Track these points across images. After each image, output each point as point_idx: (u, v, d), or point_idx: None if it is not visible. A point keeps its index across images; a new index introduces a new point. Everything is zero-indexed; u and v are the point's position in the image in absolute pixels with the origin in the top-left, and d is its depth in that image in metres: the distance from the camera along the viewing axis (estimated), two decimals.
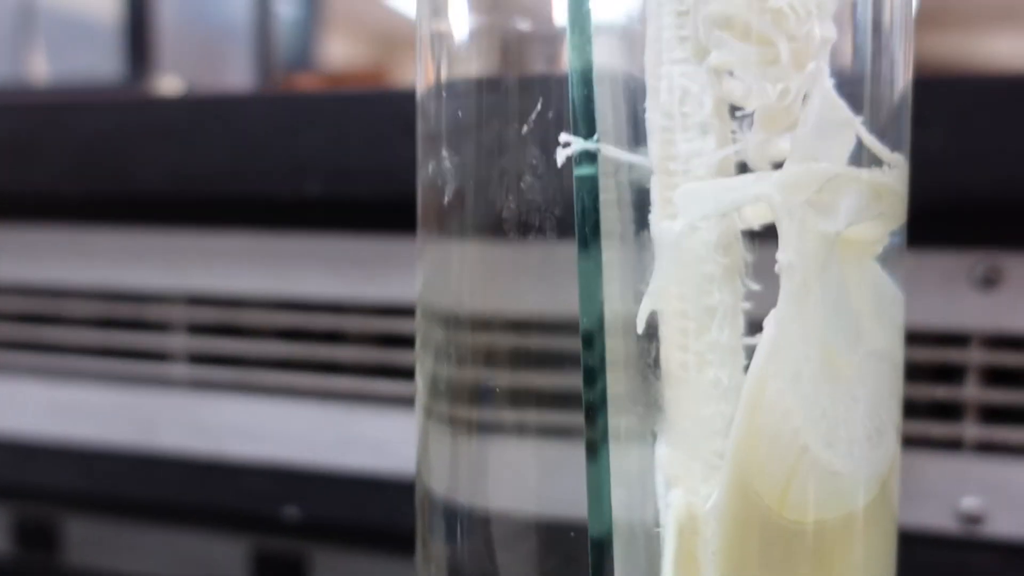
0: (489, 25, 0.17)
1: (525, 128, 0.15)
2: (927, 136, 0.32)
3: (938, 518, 0.34)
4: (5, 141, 0.45)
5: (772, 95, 0.15)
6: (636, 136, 0.18)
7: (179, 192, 0.43)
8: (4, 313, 0.49)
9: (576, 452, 0.15)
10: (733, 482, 0.15)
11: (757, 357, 0.15)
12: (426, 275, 0.17)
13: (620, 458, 0.15)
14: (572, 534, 0.15)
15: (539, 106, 0.15)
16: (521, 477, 0.16)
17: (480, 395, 0.16)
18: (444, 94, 0.16)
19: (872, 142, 0.16)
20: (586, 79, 0.15)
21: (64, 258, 0.48)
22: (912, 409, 0.34)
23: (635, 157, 0.16)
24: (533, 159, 0.15)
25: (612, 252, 0.17)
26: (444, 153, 0.16)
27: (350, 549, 0.44)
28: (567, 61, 0.14)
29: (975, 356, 0.34)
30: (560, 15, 0.15)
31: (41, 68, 0.83)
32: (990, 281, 0.34)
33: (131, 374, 0.47)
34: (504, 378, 0.16)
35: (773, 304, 0.16)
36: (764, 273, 0.17)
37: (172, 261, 0.45)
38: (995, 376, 0.34)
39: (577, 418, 0.15)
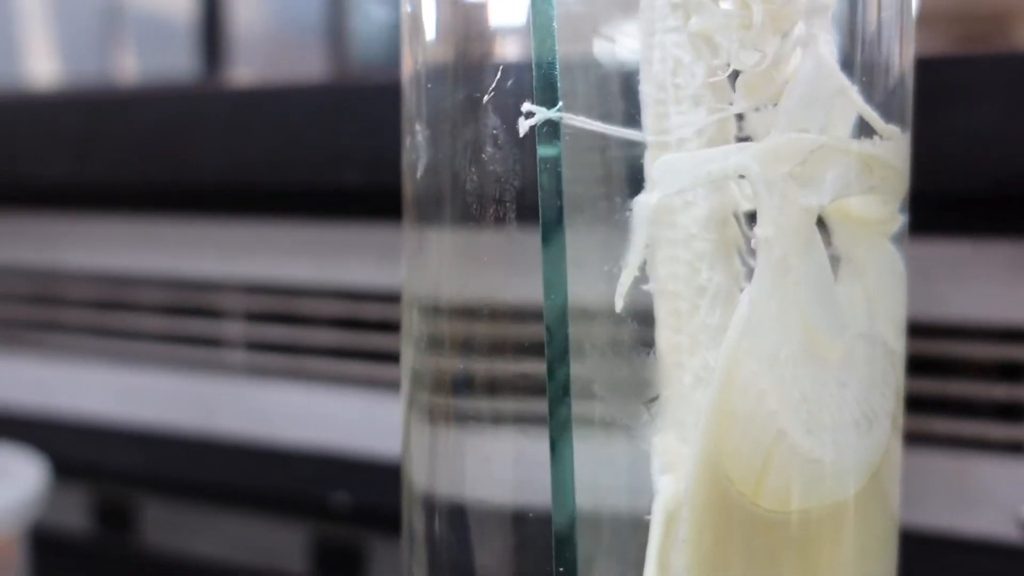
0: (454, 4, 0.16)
1: (486, 97, 0.15)
2: (982, 115, 0.30)
3: (998, 526, 0.32)
4: (69, 133, 0.47)
5: (747, 61, 0.15)
6: (631, 110, 0.18)
7: (236, 182, 0.44)
8: (73, 300, 0.51)
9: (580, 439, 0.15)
10: (703, 468, 0.14)
11: (730, 336, 0.15)
12: (407, 262, 0.17)
13: (608, 445, 0.15)
14: (530, 514, 0.15)
15: (499, 73, 0.15)
16: (498, 467, 0.16)
17: (457, 385, 0.16)
18: (420, 76, 0.16)
19: (866, 110, 0.15)
20: (547, 45, 0.14)
21: (129, 247, 0.49)
22: (971, 410, 0.32)
23: (608, 128, 0.15)
24: (494, 130, 0.15)
25: (599, 233, 0.17)
26: (417, 134, 0.16)
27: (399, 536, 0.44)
28: (529, 23, 0.14)
29: None
30: None
31: (127, 66, 0.86)
32: None
33: (191, 360, 0.48)
34: (481, 367, 0.16)
35: None
36: None
37: (230, 250, 0.46)
38: None
39: (580, 407, 0.15)
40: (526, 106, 0.14)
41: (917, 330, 0.33)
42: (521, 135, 0.14)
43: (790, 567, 0.15)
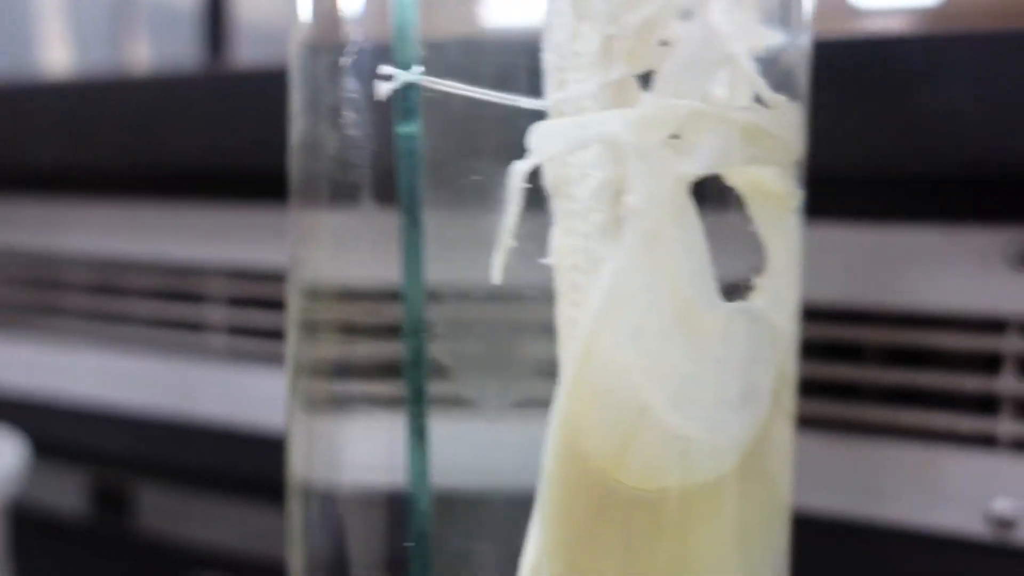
0: None
1: (344, 60, 0.14)
2: (948, 96, 0.29)
3: (967, 521, 0.32)
4: (56, 119, 0.48)
5: (622, 25, 0.14)
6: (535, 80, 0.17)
7: (218, 166, 0.44)
8: (61, 284, 0.52)
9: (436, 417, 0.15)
10: (562, 443, 0.14)
11: (590, 307, 0.14)
12: (289, 246, 0.17)
13: (470, 424, 0.15)
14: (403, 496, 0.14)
15: (352, 34, 0.14)
16: (373, 451, 0.16)
17: (332, 369, 0.16)
18: (299, 47, 0.16)
19: (752, 77, 0.15)
20: (406, 4, 0.14)
21: (115, 232, 0.50)
22: (941, 401, 0.31)
23: (483, 92, 0.15)
24: (353, 93, 0.14)
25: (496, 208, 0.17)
26: (294, 106, 0.15)
27: None
28: None
29: (1012, 344, 0.31)
30: None
31: (140, 54, 0.87)
32: None
33: (173, 344, 0.48)
34: (355, 350, 0.16)
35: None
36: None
37: (213, 235, 0.47)
38: None
39: (437, 385, 0.15)
40: (384, 68, 0.14)
41: (886, 320, 0.32)
42: (379, 98, 0.14)
43: (663, 546, 0.14)
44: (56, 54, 0.85)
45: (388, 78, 0.14)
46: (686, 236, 0.14)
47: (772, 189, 0.17)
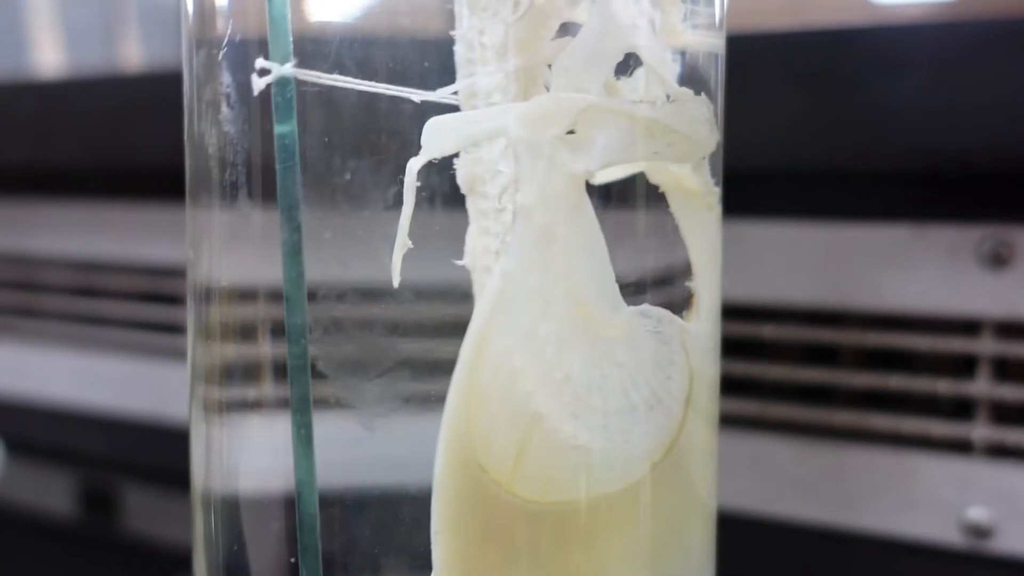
0: None
1: (220, 53, 0.14)
2: (914, 90, 0.28)
3: (941, 530, 0.31)
4: (22, 119, 0.48)
5: (504, 15, 0.13)
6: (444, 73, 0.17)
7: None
8: (36, 284, 0.52)
9: (318, 420, 0.14)
10: (452, 454, 0.13)
11: (479, 310, 0.13)
12: (187, 248, 0.16)
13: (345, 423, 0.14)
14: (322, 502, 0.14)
15: (229, 27, 0.14)
16: (268, 456, 0.15)
17: (224, 373, 0.15)
18: (187, 43, 0.15)
19: (656, 70, 0.14)
20: None
21: (91, 233, 0.49)
22: (914, 406, 0.31)
23: (368, 84, 0.14)
24: (227, 88, 0.14)
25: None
26: (183, 105, 0.15)
27: None
28: None
29: (986, 346, 0.30)
30: None
31: (132, 55, 0.87)
32: (1001, 259, 0.29)
33: (149, 346, 0.48)
34: (245, 353, 0.15)
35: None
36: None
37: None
38: (1009, 370, 0.30)
39: (318, 388, 0.14)
40: (259, 62, 0.13)
41: (854, 320, 0.31)
42: (255, 93, 0.13)
43: (569, 561, 0.14)
44: (48, 56, 0.85)
45: (264, 72, 0.13)
46: (582, 236, 0.14)
47: (691, 187, 0.16)
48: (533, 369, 0.13)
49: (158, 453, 0.48)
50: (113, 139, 0.45)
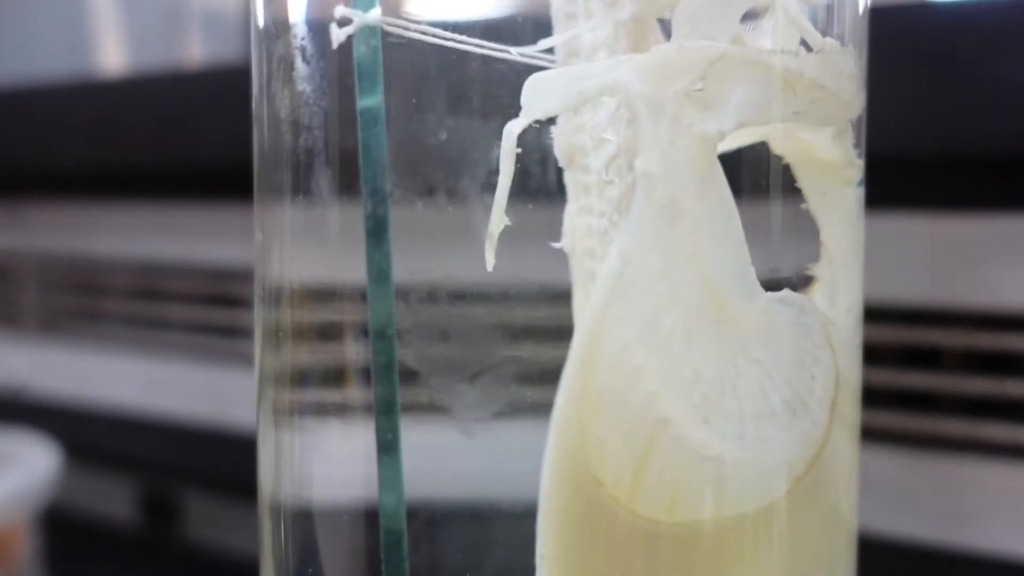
0: None
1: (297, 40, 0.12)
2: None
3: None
4: (84, 120, 0.47)
5: None
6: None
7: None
8: (97, 287, 0.51)
9: (405, 425, 0.12)
10: (562, 465, 0.11)
11: (595, 298, 0.11)
12: (255, 248, 0.15)
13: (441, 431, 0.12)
14: (345, 517, 0.12)
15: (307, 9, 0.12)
16: (347, 464, 0.13)
17: (299, 377, 0.14)
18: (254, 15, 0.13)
19: (794, 16, 0.12)
20: None
21: (155, 235, 0.49)
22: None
23: (462, 40, 0.13)
24: (302, 40, 0.12)
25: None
26: (252, 83, 0.13)
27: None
28: None
29: None
30: None
31: (194, 55, 0.87)
32: None
33: (212, 350, 0.47)
34: (323, 357, 0.14)
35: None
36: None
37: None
38: None
39: (406, 390, 0.12)
40: (339, 9, 0.11)
41: (966, 321, 0.28)
42: (334, 46, 0.11)
43: None
44: (112, 56, 0.86)
45: (345, 22, 0.11)
46: (713, 210, 0.12)
47: (826, 158, 0.14)
48: (657, 366, 0.11)
49: (220, 459, 0.47)
50: (175, 139, 0.44)
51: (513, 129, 0.12)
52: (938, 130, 0.27)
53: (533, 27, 0.14)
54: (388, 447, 0.11)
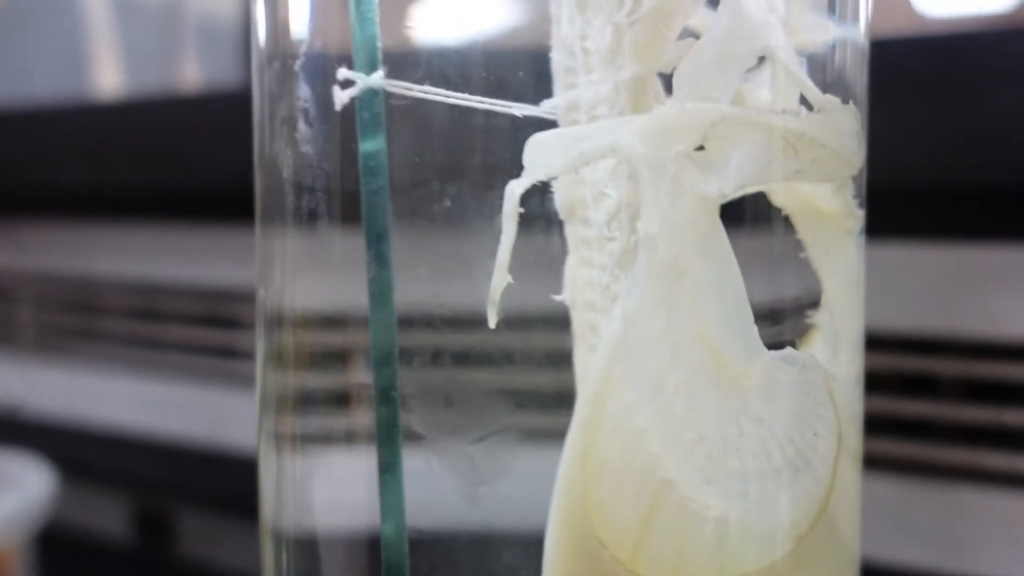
0: None
1: (297, 63, 0.12)
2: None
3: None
4: (83, 142, 0.47)
5: (622, 14, 0.11)
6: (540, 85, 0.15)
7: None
8: (94, 306, 0.51)
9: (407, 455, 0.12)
10: (566, 525, 0.11)
11: (598, 359, 0.11)
12: (255, 269, 0.15)
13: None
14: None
15: (308, 34, 0.12)
16: (350, 490, 0.13)
17: (300, 402, 0.14)
18: (257, 53, 0.14)
19: (796, 75, 0.12)
20: None
21: (152, 255, 0.49)
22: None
23: (466, 98, 0.13)
24: (305, 103, 0.12)
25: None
26: (253, 117, 0.13)
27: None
28: None
29: None
30: None
31: (190, 74, 0.87)
32: None
33: (209, 370, 0.47)
34: (324, 382, 0.14)
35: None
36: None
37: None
38: None
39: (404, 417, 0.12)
40: (342, 72, 0.11)
41: (963, 349, 0.29)
42: (338, 108, 0.11)
43: None
44: (108, 76, 0.86)
45: (347, 84, 0.11)
46: (715, 270, 0.12)
47: (826, 209, 0.14)
48: (660, 428, 0.11)
49: (215, 478, 0.47)
50: (173, 161, 0.44)
51: (516, 190, 0.12)
52: (935, 160, 0.27)
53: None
54: (389, 473, 0.12)
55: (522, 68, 0.15)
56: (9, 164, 0.51)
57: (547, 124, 0.15)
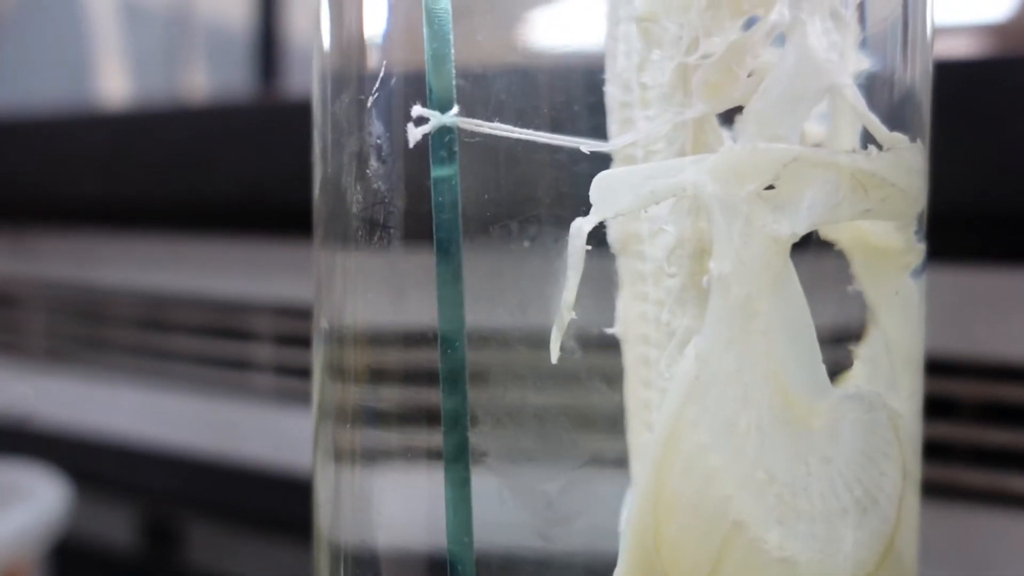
0: None
1: (369, 100, 0.12)
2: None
3: None
4: (92, 152, 0.47)
5: (694, 52, 0.11)
6: (593, 117, 0.15)
7: (262, 199, 0.42)
8: (103, 316, 0.51)
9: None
10: (635, 566, 0.11)
11: (671, 400, 0.11)
12: (315, 287, 0.15)
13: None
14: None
15: (383, 70, 0.12)
16: (410, 508, 0.13)
17: (362, 417, 0.14)
18: (321, 80, 0.14)
19: (864, 114, 0.12)
20: (441, 33, 0.11)
21: (163, 266, 0.49)
22: None
23: (533, 134, 0.13)
24: (377, 139, 0.12)
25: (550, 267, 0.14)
26: (315, 145, 0.13)
27: None
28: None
29: None
30: None
31: (197, 82, 0.87)
32: None
33: (218, 382, 0.47)
34: (389, 397, 0.13)
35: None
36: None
37: (260, 270, 0.45)
38: None
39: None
40: (416, 110, 0.11)
41: (983, 372, 0.29)
42: (411, 145, 0.11)
43: None
44: (114, 83, 0.86)
45: (421, 120, 0.11)
46: (786, 309, 0.12)
47: (882, 245, 0.14)
48: (732, 468, 0.11)
49: (224, 490, 0.47)
50: (184, 171, 0.44)
51: (583, 227, 0.12)
52: (958, 184, 0.28)
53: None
54: (458, 492, 0.11)
55: (576, 102, 0.15)
56: (19, 173, 0.51)
57: (597, 158, 0.15)
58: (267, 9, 0.67)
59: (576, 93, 0.15)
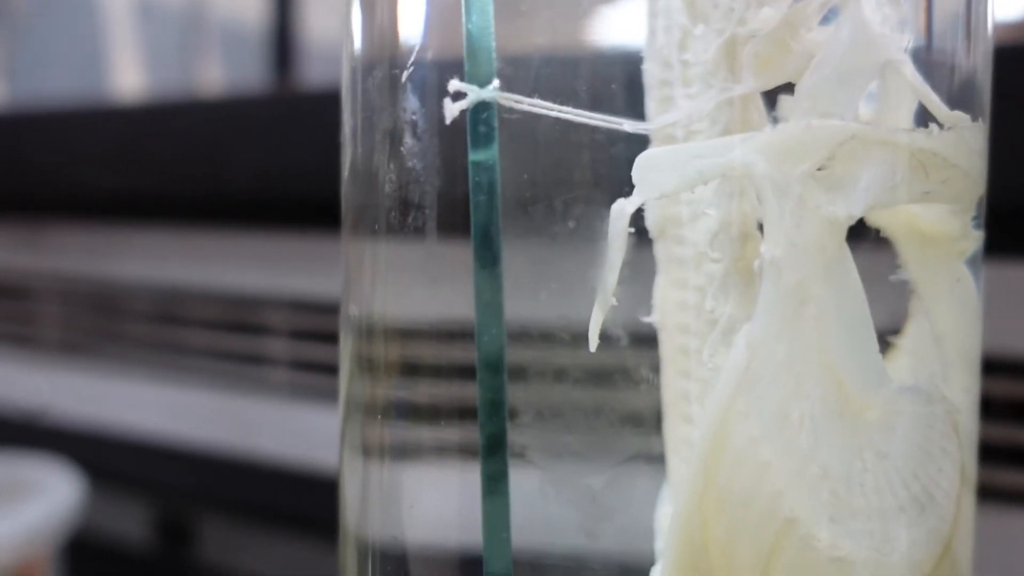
0: None
1: (404, 75, 0.12)
2: None
3: None
4: (108, 146, 0.47)
5: (749, 25, 0.11)
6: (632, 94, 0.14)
7: (277, 192, 0.42)
8: (118, 310, 0.51)
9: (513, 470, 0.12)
10: (683, 564, 0.11)
11: (720, 390, 0.11)
12: (343, 276, 0.14)
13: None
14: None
15: (419, 44, 0.12)
16: (441, 505, 0.13)
17: (392, 411, 0.13)
18: (350, 59, 0.13)
19: (922, 91, 0.11)
20: (480, 5, 0.11)
21: (178, 260, 0.48)
22: None
23: (571, 112, 0.12)
24: (412, 115, 0.12)
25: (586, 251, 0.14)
26: (344, 125, 0.13)
27: None
28: None
29: None
30: None
31: (211, 76, 0.87)
32: None
33: (233, 377, 0.47)
34: (419, 392, 0.13)
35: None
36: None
37: (275, 264, 0.45)
38: None
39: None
40: (453, 84, 0.11)
41: (1015, 370, 0.28)
42: (448, 121, 0.11)
43: None
44: (129, 78, 0.85)
45: (458, 96, 0.11)
46: (840, 296, 0.11)
47: (932, 230, 0.13)
48: (784, 462, 0.11)
49: (239, 485, 0.47)
50: (199, 165, 0.43)
51: (626, 208, 0.12)
52: (991, 177, 0.27)
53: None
54: (495, 488, 0.11)
55: (614, 80, 0.14)
56: (35, 167, 0.51)
57: (633, 139, 0.14)
58: (281, 3, 0.67)
59: (613, 73, 0.14)
